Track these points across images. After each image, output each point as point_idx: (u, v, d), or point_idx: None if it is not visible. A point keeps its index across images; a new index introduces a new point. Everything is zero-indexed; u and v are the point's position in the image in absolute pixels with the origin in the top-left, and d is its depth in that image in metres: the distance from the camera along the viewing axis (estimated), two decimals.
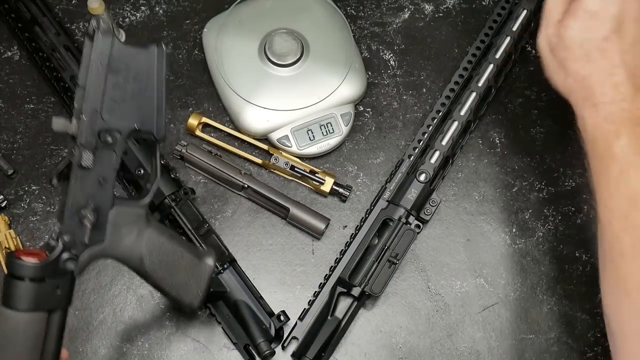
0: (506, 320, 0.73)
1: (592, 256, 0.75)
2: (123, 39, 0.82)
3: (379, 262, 0.69)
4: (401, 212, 0.71)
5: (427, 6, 0.85)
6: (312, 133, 0.76)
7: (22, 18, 0.77)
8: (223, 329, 0.70)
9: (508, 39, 0.75)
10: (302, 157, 0.77)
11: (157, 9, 0.84)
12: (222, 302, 0.70)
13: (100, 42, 0.50)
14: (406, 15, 0.85)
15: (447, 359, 0.72)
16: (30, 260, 0.50)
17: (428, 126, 0.75)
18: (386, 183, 0.74)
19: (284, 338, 0.69)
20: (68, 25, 0.82)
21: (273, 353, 0.67)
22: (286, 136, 0.76)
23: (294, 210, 0.73)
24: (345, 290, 0.69)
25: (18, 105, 0.79)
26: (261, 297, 0.70)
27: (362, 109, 0.80)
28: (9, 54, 0.81)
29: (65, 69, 0.75)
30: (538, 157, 0.79)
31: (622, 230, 0.55)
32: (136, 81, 0.52)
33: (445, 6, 0.85)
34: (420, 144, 0.74)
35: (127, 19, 0.83)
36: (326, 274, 0.71)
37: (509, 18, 0.76)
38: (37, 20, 0.76)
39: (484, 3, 0.86)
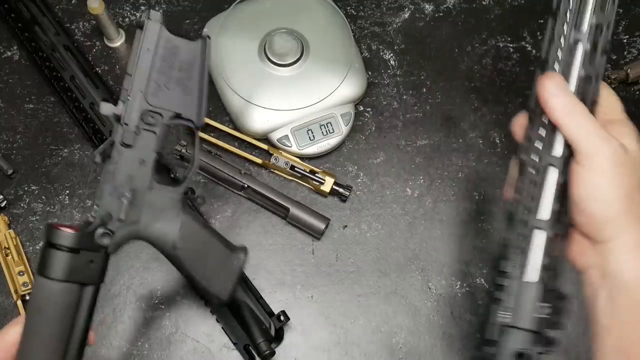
0: None
1: None
2: (123, 39, 0.82)
3: None
4: None
5: (427, 6, 0.85)
6: (312, 133, 0.76)
7: (22, 18, 0.77)
8: (223, 329, 0.70)
9: None
10: (302, 157, 0.77)
11: (157, 9, 0.84)
12: None
13: (150, 29, 0.54)
14: (406, 15, 0.85)
15: (447, 359, 0.71)
16: (67, 230, 0.51)
17: None
18: None
19: None
20: (68, 25, 0.82)
21: (273, 353, 0.67)
22: (286, 136, 0.76)
23: (294, 210, 0.73)
24: None
25: (18, 105, 0.79)
26: (261, 297, 0.70)
27: (362, 108, 0.80)
28: (9, 54, 0.81)
29: (65, 69, 0.75)
30: None
31: None
32: (181, 70, 0.56)
33: (445, 6, 0.85)
34: None
35: (127, 19, 0.83)
36: None
37: None
38: (37, 20, 0.76)
39: (484, 3, 0.86)
